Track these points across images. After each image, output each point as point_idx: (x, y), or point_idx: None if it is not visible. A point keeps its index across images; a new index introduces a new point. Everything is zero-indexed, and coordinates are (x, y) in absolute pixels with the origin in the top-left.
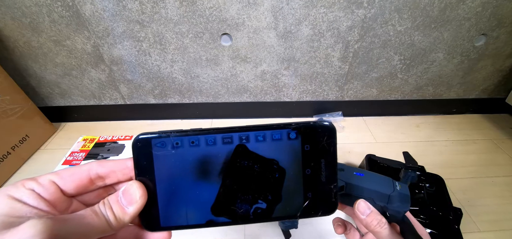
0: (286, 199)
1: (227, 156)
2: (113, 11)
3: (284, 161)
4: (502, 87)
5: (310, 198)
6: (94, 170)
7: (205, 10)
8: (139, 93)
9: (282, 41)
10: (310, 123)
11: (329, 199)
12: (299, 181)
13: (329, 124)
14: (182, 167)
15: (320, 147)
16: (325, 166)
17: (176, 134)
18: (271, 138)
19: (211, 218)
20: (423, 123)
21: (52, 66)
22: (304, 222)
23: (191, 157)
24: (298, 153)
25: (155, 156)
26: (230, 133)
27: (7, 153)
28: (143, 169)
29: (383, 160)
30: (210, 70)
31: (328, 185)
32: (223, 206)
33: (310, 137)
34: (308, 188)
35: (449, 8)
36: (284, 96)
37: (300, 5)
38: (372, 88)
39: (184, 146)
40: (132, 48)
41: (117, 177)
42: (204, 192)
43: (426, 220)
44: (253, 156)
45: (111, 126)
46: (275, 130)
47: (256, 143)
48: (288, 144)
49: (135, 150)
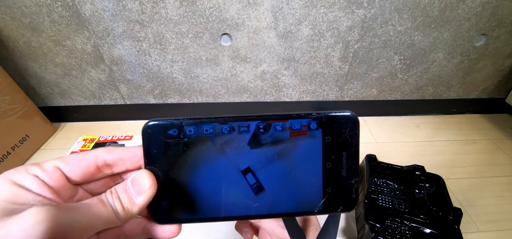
0: (305, 194)
1: (244, 146)
2: (113, 11)
3: (303, 153)
4: (502, 87)
5: (330, 193)
6: (102, 157)
7: (205, 10)
8: (139, 93)
9: (282, 41)
10: (332, 113)
11: (350, 194)
12: (319, 175)
13: (352, 115)
14: (195, 157)
15: (342, 139)
16: (347, 160)
17: (189, 121)
18: (291, 128)
19: (225, 212)
20: (423, 123)
21: (52, 66)
22: None
23: (204, 146)
24: (318, 145)
25: (166, 144)
26: (247, 121)
27: (7, 153)
28: (153, 158)
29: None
30: (210, 70)
31: (349, 180)
32: (237, 199)
33: (331, 128)
34: (328, 182)
35: (449, 8)
36: (284, 96)
37: (300, 5)
38: (372, 88)
39: (198, 134)
40: (132, 48)
41: (126, 165)
42: (218, 184)
43: (426, 220)
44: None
45: (111, 126)
46: (295, 119)
47: (275, 132)
48: (308, 135)
49: (145, 138)
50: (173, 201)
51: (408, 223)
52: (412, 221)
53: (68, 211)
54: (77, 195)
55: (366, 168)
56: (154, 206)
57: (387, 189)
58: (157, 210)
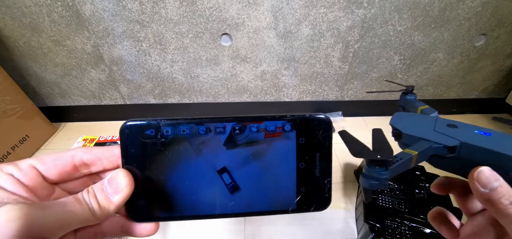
0: (279, 193)
1: (220, 146)
2: (113, 11)
3: (278, 154)
4: (502, 87)
5: (304, 192)
6: (79, 156)
7: (205, 10)
8: (139, 93)
9: (282, 41)
10: (305, 115)
11: (323, 194)
12: (293, 175)
13: (325, 117)
14: (171, 157)
15: (316, 140)
16: (320, 160)
17: (166, 122)
18: (266, 129)
19: (201, 210)
20: None
21: (52, 66)
22: (309, 222)
23: (181, 146)
24: (292, 146)
25: (143, 144)
26: (223, 122)
27: (7, 153)
28: (130, 157)
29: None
30: (210, 70)
31: (322, 180)
32: (213, 198)
33: (305, 130)
34: (302, 182)
35: (449, 8)
36: (284, 96)
37: (300, 5)
38: (372, 88)
39: (174, 135)
40: (132, 48)
41: (103, 165)
42: (194, 183)
43: (426, 220)
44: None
45: (111, 126)
46: (269, 121)
47: (250, 133)
48: (283, 136)
49: (123, 137)
50: (150, 199)
51: (408, 223)
52: (412, 221)
53: (42, 209)
54: (54, 194)
55: None
56: (131, 205)
57: (387, 189)
58: (134, 209)
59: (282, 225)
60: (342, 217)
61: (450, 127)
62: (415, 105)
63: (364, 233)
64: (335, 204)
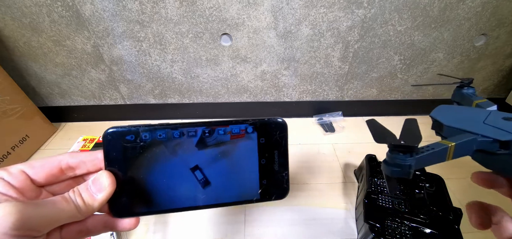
0: (245, 185)
1: (192, 147)
2: (113, 11)
3: (242, 152)
4: (502, 87)
5: (265, 184)
6: (65, 160)
7: (205, 10)
8: (139, 93)
9: (282, 41)
10: (265, 119)
11: (282, 185)
12: (256, 170)
13: (281, 121)
14: (150, 158)
15: (274, 140)
16: (278, 157)
17: (144, 128)
18: (231, 132)
19: (177, 204)
20: (423, 123)
21: (52, 66)
22: (309, 222)
23: (158, 149)
24: (254, 145)
25: (124, 148)
26: (194, 127)
27: (7, 153)
28: (112, 160)
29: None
30: (210, 70)
31: (280, 173)
32: (187, 192)
33: (264, 131)
34: (264, 175)
35: (449, 8)
36: (284, 96)
37: (300, 5)
38: (372, 88)
39: (152, 139)
40: (132, 48)
41: (87, 168)
42: (170, 180)
43: (426, 220)
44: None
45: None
46: (234, 124)
47: (218, 136)
48: (246, 137)
49: (106, 142)
50: (131, 197)
51: (408, 223)
52: (412, 221)
53: (34, 206)
54: (41, 196)
55: (366, 168)
56: (113, 202)
57: (387, 189)
58: (116, 206)
59: (282, 225)
60: (342, 217)
61: (507, 120)
62: (472, 100)
63: (364, 233)
64: (335, 204)
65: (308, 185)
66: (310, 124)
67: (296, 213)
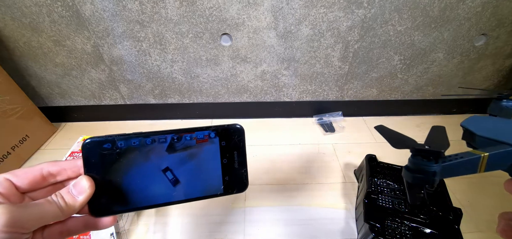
0: (210, 182)
1: (163, 152)
2: (113, 11)
3: (207, 154)
4: (502, 87)
5: (227, 180)
6: (47, 168)
7: (205, 10)
8: (139, 93)
9: (282, 41)
10: (225, 125)
11: (242, 180)
12: (219, 168)
13: (239, 127)
14: (125, 163)
15: (233, 143)
16: (237, 156)
17: (120, 137)
18: (197, 137)
19: (150, 201)
20: (423, 123)
21: (52, 66)
22: (309, 222)
23: (132, 154)
24: (217, 148)
25: (102, 155)
26: (164, 134)
27: (7, 153)
28: (91, 166)
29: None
30: (210, 70)
31: (240, 170)
32: (159, 191)
33: (225, 136)
34: (226, 173)
35: (449, 8)
36: (284, 96)
37: (300, 5)
38: (372, 88)
39: (127, 146)
40: (132, 48)
41: (68, 174)
42: (144, 181)
43: (426, 220)
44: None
45: (111, 126)
46: (199, 131)
47: (185, 141)
48: (210, 141)
49: (85, 151)
50: (109, 198)
51: (408, 223)
52: (412, 221)
53: (23, 208)
54: (24, 202)
55: (366, 168)
56: (93, 203)
57: (387, 189)
58: (96, 206)
59: (282, 225)
60: (342, 217)
61: None
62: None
63: (364, 233)
64: (335, 204)
65: (308, 185)
66: (310, 124)
67: (296, 213)
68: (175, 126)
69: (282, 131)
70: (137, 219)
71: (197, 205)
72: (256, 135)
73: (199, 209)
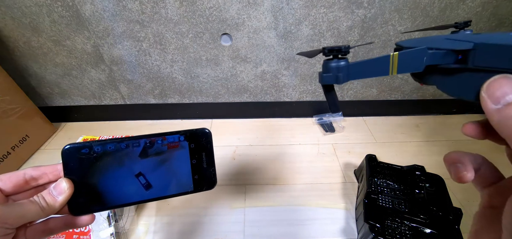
0: (181, 181)
1: (136, 157)
2: (113, 11)
3: (177, 155)
4: None
5: (197, 179)
6: (29, 173)
7: (205, 10)
8: (139, 93)
9: (282, 41)
10: (193, 130)
11: (210, 178)
12: (188, 168)
13: (207, 131)
14: (101, 166)
15: (201, 145)
16: (205, 157)
17: (96, 143)
18: (168, 141)
19: (123, 201)
20: (423, 123)
21: (52, 66)
22: (309, 222)
23: (108, 158)
24: (186, 150)
25: (80, 159)
26: (137, 139)
27: (7, 153)
28: (70, 169)
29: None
30: (210, 70)
31: (208, 169)
32: (132, 194)
33: (193, 139)
34: (195, 172)
35: (449, 8)
36: (284, 96)
37: (300, 5)
38: (372, 88)
39: (103, 151)
40: (132, 48)
41: (49, 177)
42: (119, 184)
43: (426, 220)
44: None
45: (111, 126)
46: (170, 135)
47: (157, 145)
48: (180, 144)
49: (64, 156)
50: (87, 198)
51: (408, 223)
52: (412, 221)
53: (7, 206)
54: (8, 204)
55: (366, 168)
56: (72, 203)
57: (387, 189)
58: (74, 206)
59: (282, 225)
60: (342, 217)
61: (471, 35)
62: None
63: (364, 233)
64: (335, 204)
65: (308, 185)
66: (310, 124)
67: (296, 213)
68: (175, 126)
69: (282, 131)
70: (137, 219)
71: (197, 205)
72: (256, 135)
73: (199, 209)
